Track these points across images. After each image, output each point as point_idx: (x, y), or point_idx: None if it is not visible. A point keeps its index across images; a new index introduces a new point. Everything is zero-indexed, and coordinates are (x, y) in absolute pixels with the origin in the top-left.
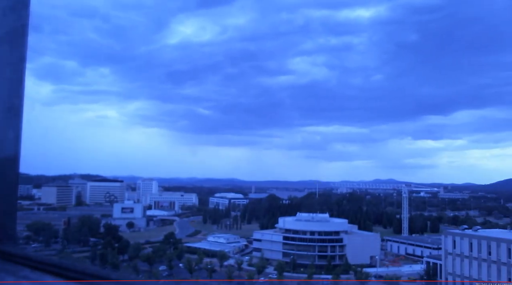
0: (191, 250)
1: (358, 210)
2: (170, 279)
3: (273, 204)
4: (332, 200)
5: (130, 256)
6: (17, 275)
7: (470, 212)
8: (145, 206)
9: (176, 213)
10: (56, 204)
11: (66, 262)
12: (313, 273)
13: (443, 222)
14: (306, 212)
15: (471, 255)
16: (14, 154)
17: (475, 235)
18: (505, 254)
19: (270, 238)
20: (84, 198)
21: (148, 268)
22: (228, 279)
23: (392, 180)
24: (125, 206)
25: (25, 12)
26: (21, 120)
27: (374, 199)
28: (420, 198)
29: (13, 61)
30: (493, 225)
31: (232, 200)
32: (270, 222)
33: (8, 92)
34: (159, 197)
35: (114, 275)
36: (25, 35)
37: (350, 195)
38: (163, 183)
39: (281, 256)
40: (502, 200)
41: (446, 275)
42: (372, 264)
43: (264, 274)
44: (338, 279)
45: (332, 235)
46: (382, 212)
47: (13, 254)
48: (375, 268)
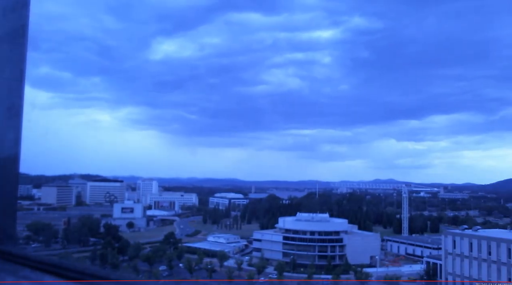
0: (191, 250)
1: (358, 210)
2: (170, 279)
3: (273, 204)
4: (332, 200)
5: (130, 256)
6: (17, 275)
7: (470, 212)
8: (145, 206)
9: (176, 213)
10: (56, 204)
11: (66, 262)
12: (313, 273)
13: (443, 222)
14: (306, 212)
15: (471, 255)
16: (14, 154)
17: (475, 235)
18: (505, 254)
19: (270, 238)
20: (84, 198)
21: (148, 268)
22: (228, 279)
23: (392, 180)
24: (125, 206)
25: (25, 12)
26: (21, 120)
27: (374, 199)
28: (420, 198)
29: (13, 61)
30: (493, 225)
31: (232, 200)
32: (270, 222)
33: (8, 92)
34: (159, 197)
35: (114, 275)
36: (25, 35)
37: (350, 195)
38: (163, 183)
39: (281, 256)
40: (502, 200)
41: (446, 275)
42: (372, 264)
43: (264, 274)
44: (338, 279)
45: (332, 235)
46: (382, 212)
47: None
48: (375, 268)
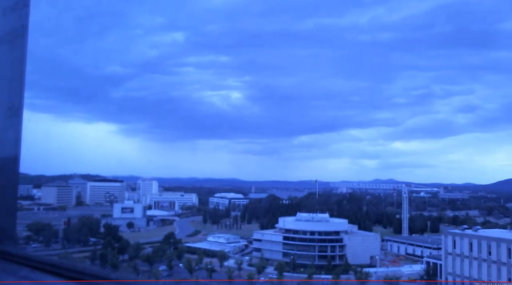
0: (191, 250)
1: (358, 210)
2: (170, 279)
3: (273, 204)
4: (332, 200)
5: (130, 256)
6: (17, 275)
7: (470, 212)
8: (145, 206)
9: (176, 213)
10: (56, 204)
11: (66, 262)
12: (313, 273)
13: (443, 222)
14: (306, 212)
15: (471, 255)
16: (14, 154)
17: (475, 235)
18: (505, 254)
19: (270, 238)
20: (84, 198)
21: (148, 268)
22: (228, 279)
23: (392, 180)
24: (125, 206)
25: (25, 12)
26: (21, 120)
27: (374, 199)
28: (420, 198)
29: (13, 61)
30: (493, 225)
31: (232, 200)
32: (270, 222)
33: (8, 92)
34: (159, 197)
35: (114, 275)
36: (25, 36)
37: (350, 195)
38: (163, 183)
39: (281, 256)
40: (502, 200)
41: (446, 275)
42: (372, 264)
43: (264, 274)
44: (338, 279)
45: (332, 235)
46: (382, 212)
47: (13, 254)
48: (375, 268)
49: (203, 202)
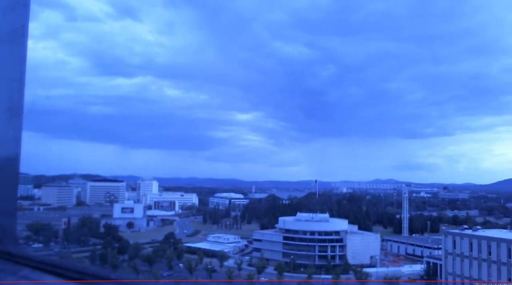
0: (191, 250)
1: (358, 210)
2: (170, 279)
3: (273, 204)
4: (332, 200)
5: (130, 256)
6: (17, 275)
7: (470, 212)
8: (145, 206)
9: (176, 213)
10: (56, 204)
11: (66, 262)
12: (313, 273)
13: (443, 222)
14: (306, 212)
15: (471, 255)
16: (14, 154)
17: (475, 235)
18: (505, 254)
19: (270, 238)
20: (84, 198)
21: (148, 268)
22: (228, 279)
23: (392, 180)
24: (125, 206)
25: (25, 12)
26: (21, 120)
27: (374, 199)
28: (420, 198)
29: (13, 61)
30: (493, 225)
31: (232, 200)
32: (270, 222)
33: (8, 92)
34: (159, 197)
35: (114, 275)
36: (25, 35)
37: (350, 195)
38: (163, 183)
39: (281, 256)
40: (502, 200)
41: (446, 275)
42: (372, 264)
43: (264, 274)
44: (338, 279)
45: (332, 235)
46: (382, 212)
47: (13, 254)
48: (375, 268)
49: (203, 202)
